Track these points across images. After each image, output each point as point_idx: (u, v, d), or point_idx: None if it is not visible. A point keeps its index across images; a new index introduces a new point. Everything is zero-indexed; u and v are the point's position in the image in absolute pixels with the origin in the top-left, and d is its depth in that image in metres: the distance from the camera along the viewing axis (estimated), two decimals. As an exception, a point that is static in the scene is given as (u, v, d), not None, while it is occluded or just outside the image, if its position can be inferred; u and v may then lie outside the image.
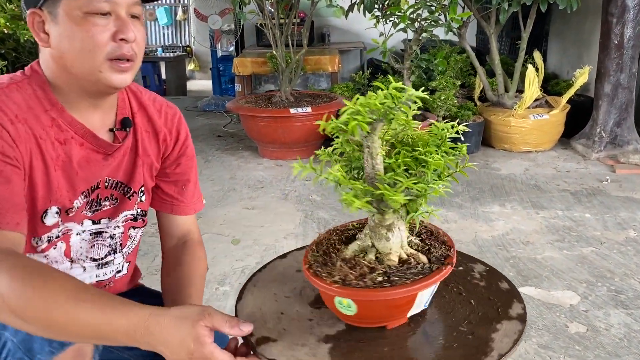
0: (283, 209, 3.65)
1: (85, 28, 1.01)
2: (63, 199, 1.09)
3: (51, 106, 1.07)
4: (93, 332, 0.88)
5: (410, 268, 0.94)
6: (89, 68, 1.03)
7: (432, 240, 1.03)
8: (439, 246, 1.00)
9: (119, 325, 0.87)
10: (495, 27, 4.83)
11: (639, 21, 4.39)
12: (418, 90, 0.85)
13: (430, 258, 0.97)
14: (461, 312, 1.00)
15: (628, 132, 4.60)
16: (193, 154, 1.32)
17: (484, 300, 1.04)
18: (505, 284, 1.09)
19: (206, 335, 0.88)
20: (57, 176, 1.07)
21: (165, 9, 10.64)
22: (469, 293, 1.06)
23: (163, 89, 8.84)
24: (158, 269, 1.34)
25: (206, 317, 0.89)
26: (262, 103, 4.93)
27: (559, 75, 6.19)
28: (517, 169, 4.42)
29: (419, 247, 1.01)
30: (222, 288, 2.66)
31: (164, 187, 1.28)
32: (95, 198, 1.15)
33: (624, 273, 2.75)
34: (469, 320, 0.98)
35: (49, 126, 1.06)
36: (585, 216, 3.46)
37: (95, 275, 1.22)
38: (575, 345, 2.20)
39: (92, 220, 1.16)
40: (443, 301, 1.04)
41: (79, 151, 1.10)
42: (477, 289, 1.08)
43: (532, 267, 2.82)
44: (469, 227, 3.32)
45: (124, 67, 1.05)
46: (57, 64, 1.05)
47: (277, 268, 1.20)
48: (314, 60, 5.86)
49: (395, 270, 0.94)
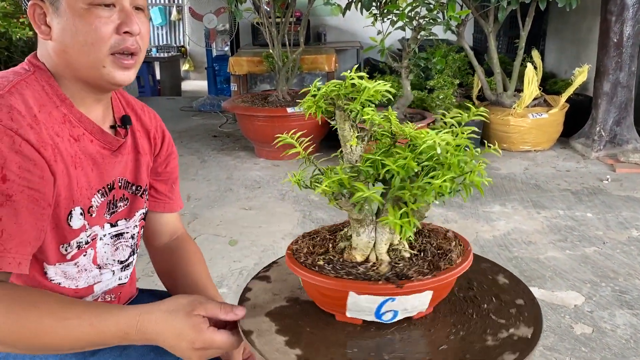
0: (280, 209, 3.60)
1: (89, 20, 0.97)
2: (83, 198, 1.05)
3: (61, 102, 1.02)
4: (87, 343, 0.90)
5: (358, 267, 0.90)
6: (92, 62, 0.99)
7: (432, 258, 0.95)
8: (430, 266, 0.93)
9: (111, 333, 0.89)
10: (493, 26, 4.80)
11: (638, 19, 4.36)
12: (414, 90, 0.82)
13: (408, 275, 0.90)
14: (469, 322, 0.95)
15: (627, 131, 4.57)
16: (176, 153, 1.33)
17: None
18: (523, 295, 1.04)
19: (202, 322, 0.90)
20: (77, 174, 1.03)
21: (159, 9, 10.58)
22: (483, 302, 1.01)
23: (157, 89, 8.77)
24: (154, 270, 1.33)
25: (198, 306, 0.91)
26: (258, 102, 4.87)
27: (556, 74, 6.16)
28: (517, 168, 4.38)
29: (407, 260, 0.94)
30: (220, 290, 2.59)
31: (157, 186, 1.27)
32: (112, 199, 1.13)
33: (628, 273, 2.71)
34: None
35: (62, 122, 1.01)
36: (587, 216, 3.42)
37: (118, 278, 1.20)
38: (581, 346, 2.16)
39: (111, 224, 1.14)
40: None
41: (92, 147, 1.06)
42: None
43: (535, 267, 2.78)
44: (470, 227, 3.28)
45: (127, 64, 1.02)
46: (59, 57, 1.01)
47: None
48: (310, 59, 5.81)
49: (341, 261, 0.92)
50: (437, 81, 4.78)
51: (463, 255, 0.94)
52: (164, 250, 1.31)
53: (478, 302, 1.00)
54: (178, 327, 0.89)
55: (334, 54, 5.98)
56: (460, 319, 0.95)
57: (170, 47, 9.95)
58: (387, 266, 0.91)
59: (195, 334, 0.89)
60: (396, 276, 0.88)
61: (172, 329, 0.89)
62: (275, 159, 4.66)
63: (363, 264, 0.92)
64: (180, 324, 0.89)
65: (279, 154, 4.66)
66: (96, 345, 0.91)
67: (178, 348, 0.90)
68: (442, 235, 1.02)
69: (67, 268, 1.06)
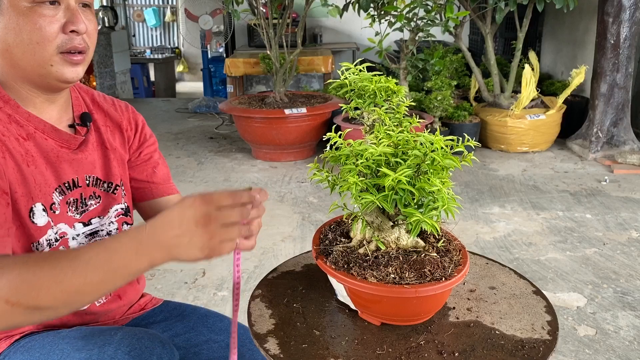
0: (279, 212, 3.58)
1: (33, 19, 0.94)
2: (44, 195, 1.04)
3: (4, 103, 1.01)
4: (108, 273, 0.85)
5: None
6: (39, 61, 0.97)
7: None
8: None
9: (124, 247, 0.85)
10: (490, 27, 4.80)
11: (635, 20, 4.37)
12: (412, 92, 0.84)
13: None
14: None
15: (625, 132, 4.58)
16: (154, 139, 1.28)
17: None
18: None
19: (211, 194, 0.85)
20: (32, 172, 1.02)
21: (153, 10, 10.54)
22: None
23: (152, 90, 8.74)
24: (153, 274, 1.32)
25: (207, 194, 0.85)
26: (255, 104, 4.85)
27: (552, 76, 6.18)
28: (515, 169, 4.38)
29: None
30: (220, 293, 2.58)
31: (136, 175, 1.24)
32: (80, 198, 1.11)
33: (629, 274, 2.71)
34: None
35: (7, 123, 1.00)
36: (586, 217, 3.42)
37: None
38: (585, 348, 2.15)
39: (83, 223, 1.11)
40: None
41: (47, 145, 1.05)
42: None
43: (536, 268, 2.77)
44: (470, 228, 3.27)
45: (76, 60, 0.99)
46: (3, 57, 0.99)
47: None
48: (307, 60, 5.80)
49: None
50: (434, 82, 4.77)
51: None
52: None
53: (491, 307, 0.98)
54: (188, 210, 0.83)
55: (331, 55, 5.97)
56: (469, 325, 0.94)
57: (164, 49, 9.92)
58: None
59: (204, 204, 0.83)
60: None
61: (182, 214, 0.83)
62: (272, 160, 4.64)
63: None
64: (188, 204, 0.84)
65: (277, 155, 4.64)
66: (117, 273, 0.85)
67: (190, 234, 0.83)
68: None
69: None
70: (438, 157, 0.87)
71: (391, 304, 0.91)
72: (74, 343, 1.00)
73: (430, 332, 0.93)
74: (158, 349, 0.99)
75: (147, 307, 1.27)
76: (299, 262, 1.15)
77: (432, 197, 0.90)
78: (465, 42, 6.81)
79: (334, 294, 1.01)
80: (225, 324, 1.24)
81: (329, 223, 1.06)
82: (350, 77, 0.93)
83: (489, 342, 0.89)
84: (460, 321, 0.96)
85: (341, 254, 0.95)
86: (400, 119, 0.93)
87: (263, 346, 0.88)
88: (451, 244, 0.98)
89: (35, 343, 1.03)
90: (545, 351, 0.87)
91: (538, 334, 0.92)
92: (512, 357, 0.86)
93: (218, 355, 1.18)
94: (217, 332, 1.21)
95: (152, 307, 1.28)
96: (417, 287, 0.87)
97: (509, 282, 1.08)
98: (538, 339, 0.90)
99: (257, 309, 0.98)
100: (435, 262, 0.92)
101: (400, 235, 0.95)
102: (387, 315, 0.94)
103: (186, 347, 1.17)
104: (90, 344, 0.98)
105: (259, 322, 0.95)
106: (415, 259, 0.92)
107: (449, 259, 0.94)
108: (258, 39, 6.36)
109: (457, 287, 0.99)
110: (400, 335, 0.92)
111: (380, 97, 0.92)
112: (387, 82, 0.91)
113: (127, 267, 0.85)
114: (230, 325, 1.09)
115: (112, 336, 0.99)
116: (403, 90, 0.91)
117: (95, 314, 1.14)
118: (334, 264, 0.93)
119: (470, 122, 4.74)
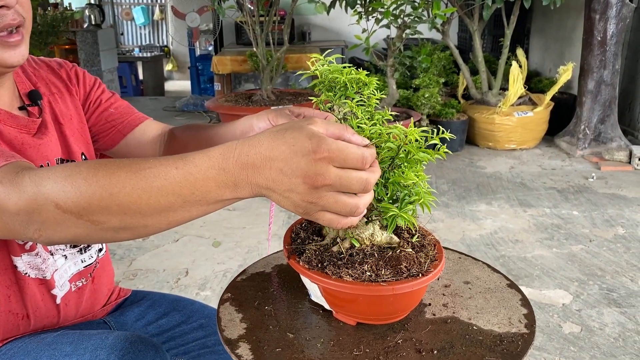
0: (265, 210, 3.55)
1: None
2: None
3: None
4: (174, 198, 0.68)
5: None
6: None
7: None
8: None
9: (202, 172, 0.67)
10: (478, 24, 4.79)
11: (621, 17, 4.37)
12: (399, 89, 0.80)
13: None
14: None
15: (612, 129, 4.58)
16: (99, 81, 1.20)
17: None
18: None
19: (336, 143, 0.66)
20: None
21: (142, 8, 10.47)
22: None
23: (140, 89, 8.67)
24: (135, 274, 1.28)
25: (331, 142, 0.66)
26: (242, 102, 4.81)
27: (540, 73, 6.18)
28: (503, 166, 4.37)
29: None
30: (203, 293, 2.54)
31: (97, 122, 1.17)
32: None
33: (615, 271, 2.70)
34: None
35: None
36: (573, 214, 3.41)
37: (80, 261, 1.12)
38: (570, 346, 2.14)
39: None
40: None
41: (9, 133, 0.98)
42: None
43: (523, 266, 2.76)
44: (457, 226, 3.25)
45: (14, 42, 0.91)
46: None
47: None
48: (295, 58, 5.77)
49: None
50: (422, 80, 4.76)
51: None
52: (169, 144, 1.19)
53: (467, 302, 0.96)
54: (297, 146, 0.65)
55: (319, 53, 5.95)
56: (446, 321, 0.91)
57: (153, 47, 9.85)
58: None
59: (316, 139, 0.65)
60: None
61: (283, 144, 0.65)
62: (259, 158, 4.60)
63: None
64: (301, 142, 0.65)
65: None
66: (185, 201, 0.68)
67: (286, 180, 0.66)
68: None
69: (31, 259, 1.01)
70: (412, 149, 0.85)
71: (368, 303, 0.88)
72: (62, 348, 0.95)
73: (407, 330, 0.90)
74: (151, 353, 0.96)
75: (118, 298, 1.24)
76: (269, 263, 1.12)
77: (407, 191, 0.88)
78: (454, 39, 6.81)
79: (306, 294, 0.98)
80: (196, 307, 1.23)
81: (300, 221, 1.03)
82: (320, 69, 0.90)
83: (467, 338, 0.87)
84: (437, 317, 0.93)
85: (314, 253, 0.92)
86: (371, 112, 0.90)
87: (235, 352, 0.84)
88: (425, 238, 0.96)
89: (19, 350, 0.98)
90: (524, 345, 0.85)
91: (516, 327, 0.89)
92: (491, 352, 0.84)
93: (192, 337, 1.17)
94: (189, 314, 1.20)
95: (122, 297, 1.25)
96: (394, 285, 0.84)
97: (482, 276, 1.06)
98: (516, 333, 0.88)
99: (227, 314, 0.95)
100: (411, 257, 0.89)
101: (374, 232, 0.93)
102: (363, 315, 0.92)
103: (159, 334, 1.17)
104: (81, 349, 0.94)
105: (229, 326, 0.91)
106: (390, 255, 0.90)
107: (425, 254, 0.91)
108: (246, 36, 6.31)
109: (432, 282, 0.97)
110: (377, 334, 0.89)
111: (351, 90, 0.89)
112: (358, 74, 0.89)
113: (198, 197, 0.69)
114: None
115: (104, 340, 0.95)
116: (374, 81, 0.88)
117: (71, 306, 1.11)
118: (307, 263, 0.90)
119: (458, 119, 4.73)
